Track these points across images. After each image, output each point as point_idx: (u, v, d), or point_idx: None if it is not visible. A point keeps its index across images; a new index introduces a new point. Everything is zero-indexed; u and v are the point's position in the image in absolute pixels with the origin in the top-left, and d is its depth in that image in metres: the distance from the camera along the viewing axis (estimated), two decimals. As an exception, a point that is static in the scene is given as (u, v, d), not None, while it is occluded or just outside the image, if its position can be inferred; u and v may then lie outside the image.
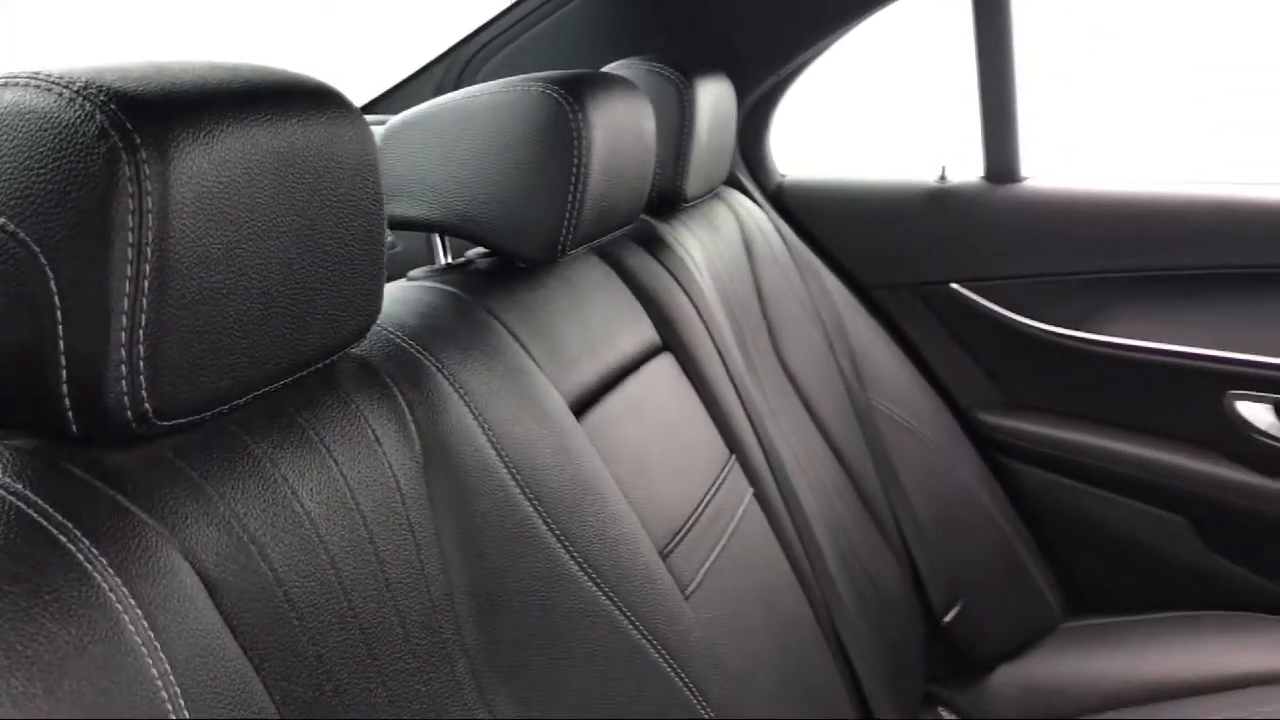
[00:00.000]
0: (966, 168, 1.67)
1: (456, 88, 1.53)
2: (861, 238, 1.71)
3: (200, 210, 0.48)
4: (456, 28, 1.58)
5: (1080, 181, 1.62)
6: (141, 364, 0.48)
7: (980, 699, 1.49)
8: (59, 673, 0.43)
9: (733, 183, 1.63)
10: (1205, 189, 1.54)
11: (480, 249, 0.97)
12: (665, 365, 1.06)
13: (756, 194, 1.58)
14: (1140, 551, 1.62)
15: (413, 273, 0.93)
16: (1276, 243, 1.49)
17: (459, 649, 0.65)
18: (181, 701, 0.47)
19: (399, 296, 0.83)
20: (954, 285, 1.66)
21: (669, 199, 1.26)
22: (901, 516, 1.47)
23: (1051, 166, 1.64)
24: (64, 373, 0.48)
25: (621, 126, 0.91)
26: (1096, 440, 1.63)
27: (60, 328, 0.47)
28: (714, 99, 1.29)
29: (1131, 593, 1.58)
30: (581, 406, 0.89)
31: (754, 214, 1.50)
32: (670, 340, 1.08)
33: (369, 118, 0.62)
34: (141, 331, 0.47)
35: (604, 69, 1.27)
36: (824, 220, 1.70)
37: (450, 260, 0.96)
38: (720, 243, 1.34)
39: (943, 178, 1.67)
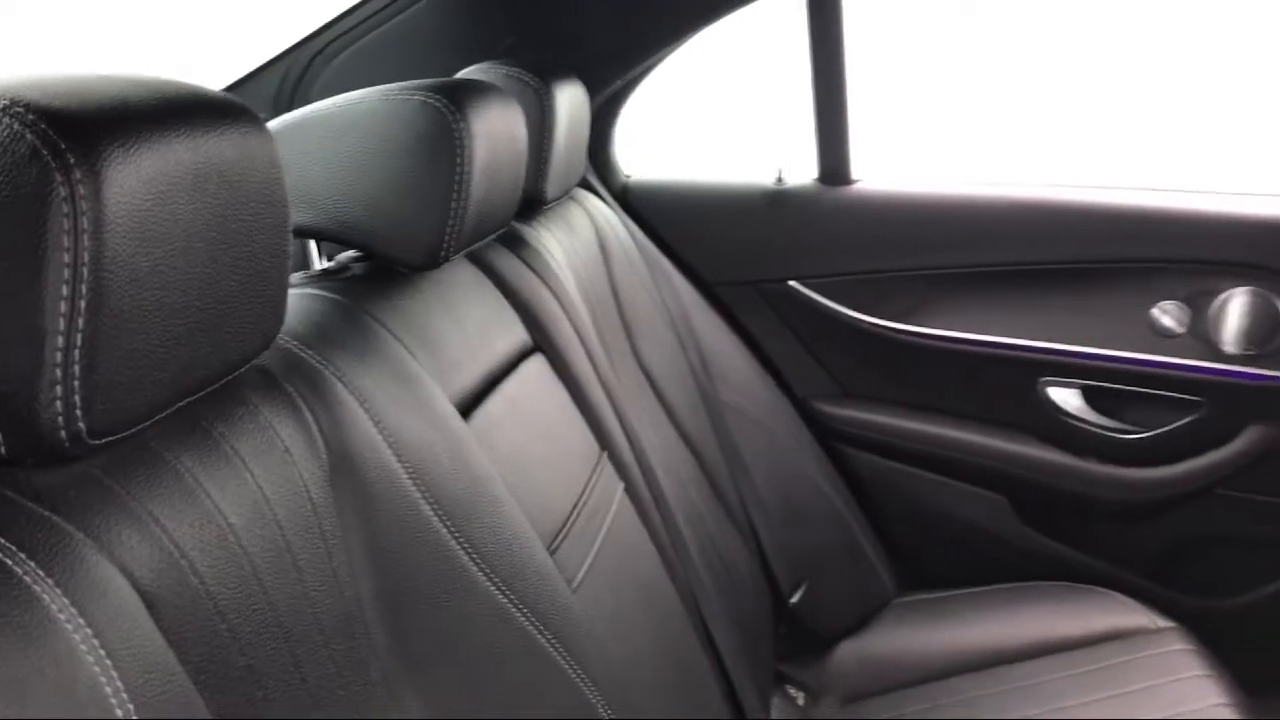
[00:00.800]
0: (805, 170, 1.76)
1: (298, 88, 1.52)
2: (705, 237, 1.77)
3: (130, 228, 0.48)
4: (286, 25, 1.56)
5: (907, 183, 1.73)
6: (76, 384, 0.48)
7: (823, 674, 1.56)
8: (22, 700, 0.42)
9: (582, 184, 1.67)
10: (1020, 190, 1.67)
11: (352, 253, 0.98)
12: (537, 366, 1.09)
13: (605, 194, 1.62)
14: (965, 529, 1.74)
15: (290, 279, 0.93)
16: (1083, 240, 1.62)
17: (371, 652, 0.67)
18: None
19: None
20: (791, 282, 1.74)
21: (530, 202, 1.29)
22: (749, 504, 1.53)
23: (881, 168, 1.74)
24: None
25: (499, 134, 0.93)
26: (924, 426, 1.74)
27: None
28: (570, 102, 1.32)
29: (959, 567, 1.68)
30: (465, 409, 0.91)
31: (606, 214, 1.54)
32: (541, 341, 1.11)
33: None
34: (77, 352, 0.47)
35: (462, 74, 1.29)
36: (669, 220, 1.75)
37: (325, 266, 0.96)
38: (578, 243, 1.38)
39: (780, 180, 1.75)
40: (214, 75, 1.55)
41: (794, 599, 1.57)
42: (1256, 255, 1.55)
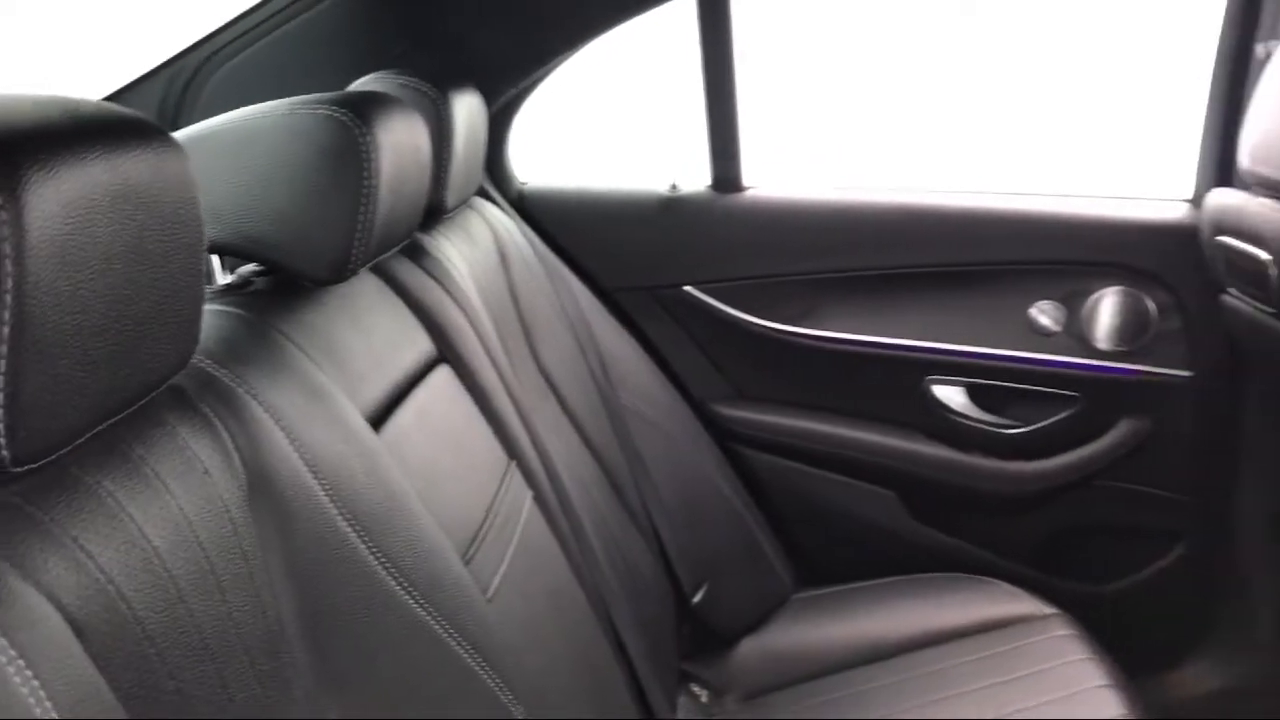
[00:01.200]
0: (700, 177, 1.79)
1: (185, 96, 1.49)
2: (601, 243, 1.78)
3: (51, 252, 0.48)
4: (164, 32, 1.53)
5: (797, 190, 1.77)
6: (1, 412, 0.47)
7: (726, 672, 1.60)
8: None
9: (479, 192, 1.67)
10: (905, 196, 1.73)
11: (253, 267, 0.96)
12: (444, 377, 1.09)
13: (502, 202, 1.63)
14: (859, 525, 1.79)
15: None
16: (965, 243, 1.69)
17: (295, 670, 0.66)
18: None
19: None
20: (687, 288, 1.77)
21: (430, 212, 1.28)
22: (651, 507, 1.55)
23: (773, 175, 1.78)
24: None
25: (404, 146, 0.93)
26: (817, 426, 1.78)
27: None
28: (467, 111, 1.32)
29: (853, 563, 1.73)
30: (375, 422, 0.91)
31: (503, 222, 1.55)
32: (446, 352, 1.11)
33: None
34: (1, 379, 0.47)
35: (357, 84, 1.28)
36: (565, 227, 1.77)
37: (227, 281, 0.95)
38: (477, 252, 1.38)
39: (674, 187, 1.78)
40: (82, 85, 1.51)
41: (696, 599, 1.59)
42: (1126, 256, 1.64)
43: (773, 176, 1.79)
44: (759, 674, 1.58)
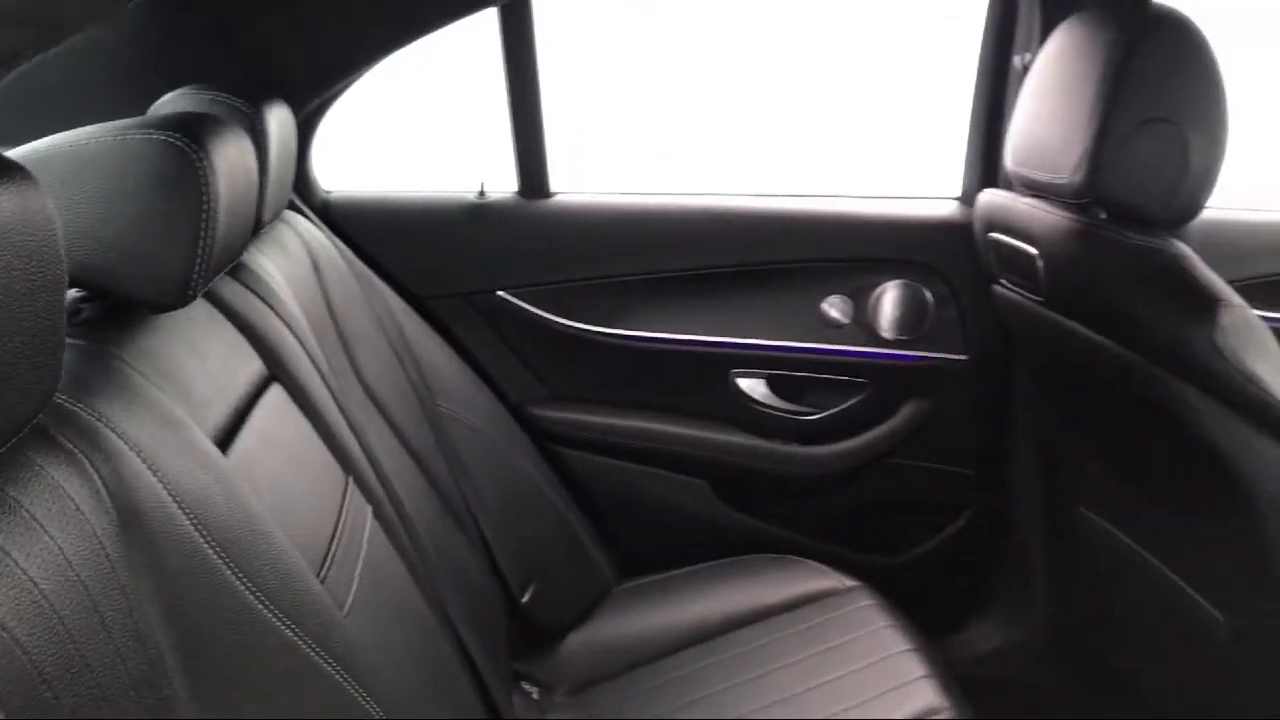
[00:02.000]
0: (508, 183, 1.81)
1: None
2: (410, 251, 1.78)
3: None
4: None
5: (603, 195, 1.82)
6: None
7: (555, 668, 1.63)
8: None
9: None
10: (706, 200, 1.81)
11: (75, 293, 0.93)
12: (277, 396, 1.08)
13: (309, 213, 1.60)
14: (674, 514, 1.86)
15: None
16: (762, 243, 1.78)
17: (176, 701, 0.66)
18: None
19: None
20: (499, 292, 1.79)
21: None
22: (475, 510, 1.57)
23: (581, 180, 1.83)
24: None
25: (237, 167, 0.92)
26: (629, 422, 1.84)
27: None
28: (279, 124, 1.30)
29: (671, 551, 1.79)
30: (222, 447, 0.90)
31: (314, 233, 1.52)
32: (276, 370, 1.10)
33: None
34: None
35: (166, 99, 1.24)
36: (373, 235, 1.75)
37: None
38: (293, 265, 1.36)
39: (482, 193, 1.80)
40: None
41: (525, 598, 1.62)
42: (906, 252, 1.77)
43: (578, 182, 1.83)
44: (586, 666, 1.61)
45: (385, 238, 1.76)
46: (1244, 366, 1.14)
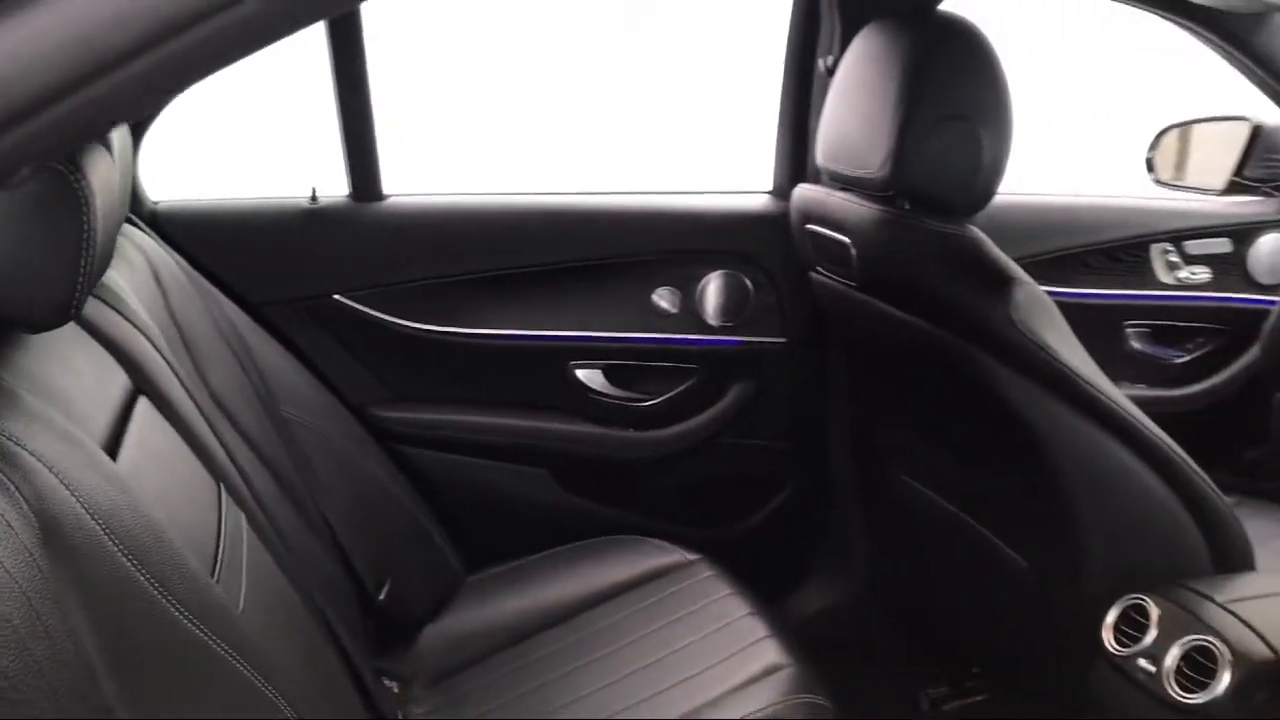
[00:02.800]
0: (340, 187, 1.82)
1: None
2: (244, 258, 1.76)
3: None
4: None
5: (436, 197, 1.86)
6: None
7: (413, 662, 1.66)
8: None
9: None
10: (538, 198, 1.88)
11: None
12: (145, 409, 1.08)
13: (141, 224, 1.58)
14: (520, 504, 1.92)
15: None
16: (594, 239, 1.86)
17: (110, 700, 0.68)
18: None
19: None
20: (336, 296, 1.80)
21: None
22: (327, 513, 1.58)
23: (413, 182, 1.86)
24: None
25: (105, 183, 0.92)
26: (471, 417, 1.89)
27: None
28: (119, 134, 1.29)
29: (519, 540, 1.84)
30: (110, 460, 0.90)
31: (149, 244, 1.50)
32: (141, 384, 1.09)
33: None
34: None
35: None
36: (206, 244, 1.73)
37: None
38: (137, 277, 1.34)
39: (314, 198, 1.80)
40: None
41: (381, 596, 1.65)
42: (726, 243, 1.89)
43: (411, 184, 1.86)
44: (444, 657, 1.65)
45: (218, 246, 1.75)
46: (1035, 336, 1.30)
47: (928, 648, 2.00)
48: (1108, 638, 1.37)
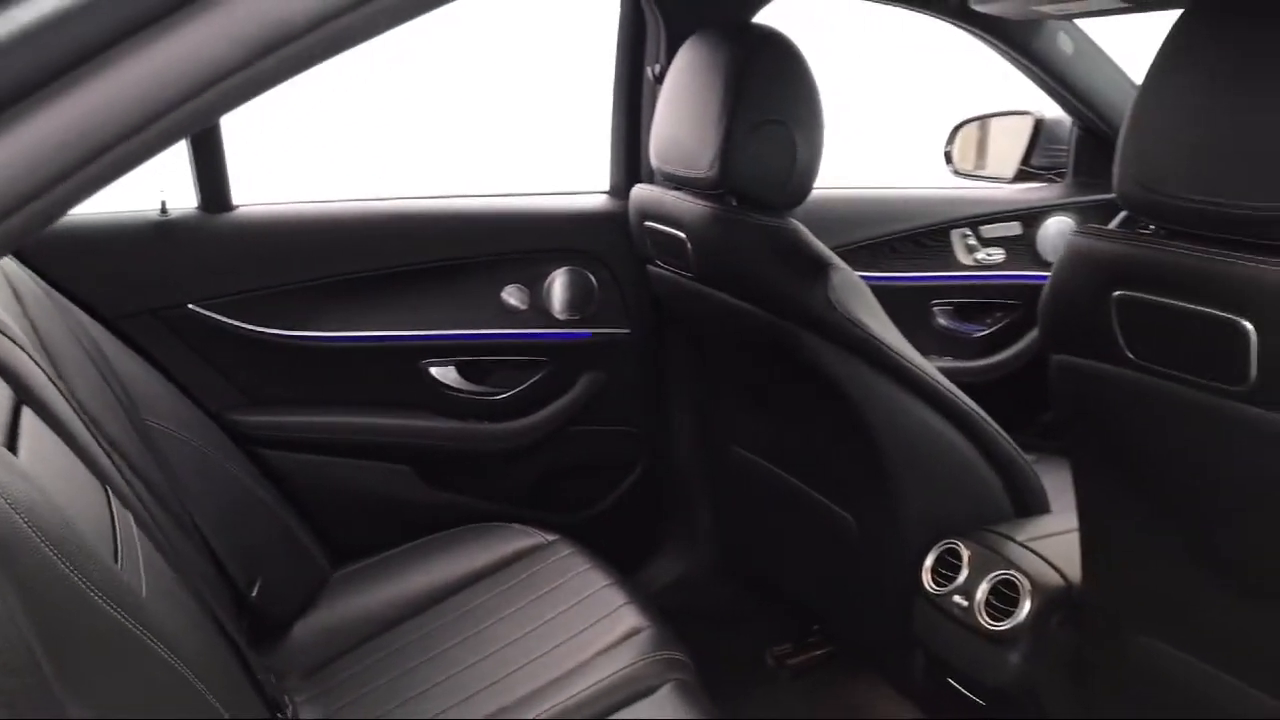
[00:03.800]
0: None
1: None
2: (96, 271, 1.76)
3: None
4: None
5: (285, 205, 1.91)
6: None
7: (287, 656, 1.70)
8: None
9: None
10: (384, 204, 1.94)
11: None
12: (30, 419, 1.10)
13: None
14: (382, 500, 1.98)
15: None
16: (443, 241, 1.95)
17: (50, 682, 0.73)
18: None
19: None
20: (191, 306, 1.82)
21: None
22: (197, 518, 1.61)
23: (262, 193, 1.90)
24: None
25: None
26: (330, 419, 1.94)
27: None
28: None
29: (382, 535, 1.90)
30: None
31: (5, 261, 1.51)
32: (23, 395, 1.12)
33: None
34: None
35: None
36: (59, 259, 1.71)
37: None
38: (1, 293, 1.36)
39: (163, 210, 1.82)
40: None
41: (253, 594, 1.69)
42: (570, 242, 2.00)
43: (260, 194, 1.90)
44: (315, 650, 1.69)
45: (70, 260, 1.73)
46: (851, 315, 1.46)
47: (773, 609, 2.16)
48: (926, 579, 1.55)
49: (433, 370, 1.98)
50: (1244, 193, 0.91)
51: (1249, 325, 0.92)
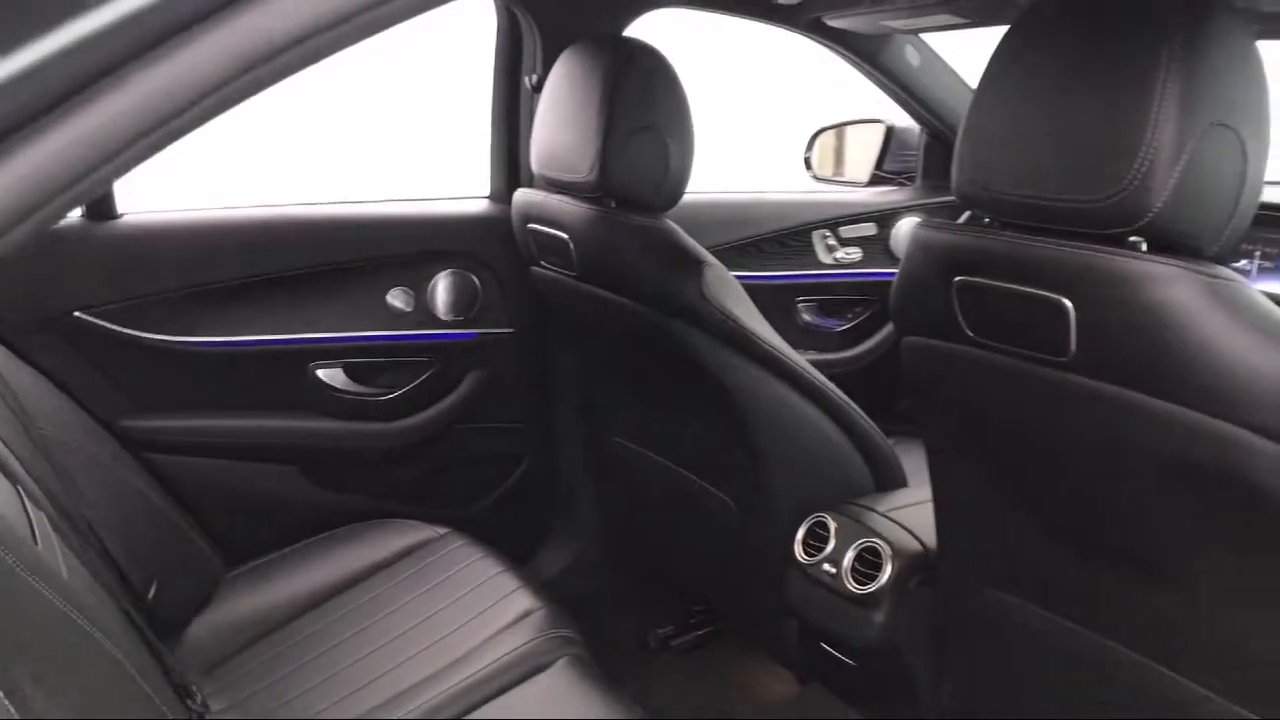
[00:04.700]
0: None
1: None
2: None
3: None
4: None
5: (171, 213, 1.93)
6: None
7: (183, 655, 1.72)
8: None
9: None
10: (269, 211, 1.98)
11: None
12: None
13: None
14: (271, 501, 2.01)
15: None
16: (329, 246, 1.99)
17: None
18: None
19: None
20: (77, 314, 1.82)
21: None
22: (94, 524, 1.63)
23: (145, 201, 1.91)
24: None
25: None
26: (218, 422, 1.97)
27: None
28: None
29: (274, 535, 1.93)
30: None
31: None
32: None
33: None
34: None
35: None
36: None
37: None
38: None
39: (46, 219, 1.82)
40: None
41: (150, 596, 1.70)
42: (453, 244, 2.07)
43: (145, 202, 1.91)
44: (212, 648, 1.71)
45: None
46: (723, 308, 1.57)
47: (658, 593, 2.26)
48: (798, 551, 1.67)
49: (320, 373, 2.02)
50: (1063, 188, 1.05)
51: (1069, 303, 1.06)
